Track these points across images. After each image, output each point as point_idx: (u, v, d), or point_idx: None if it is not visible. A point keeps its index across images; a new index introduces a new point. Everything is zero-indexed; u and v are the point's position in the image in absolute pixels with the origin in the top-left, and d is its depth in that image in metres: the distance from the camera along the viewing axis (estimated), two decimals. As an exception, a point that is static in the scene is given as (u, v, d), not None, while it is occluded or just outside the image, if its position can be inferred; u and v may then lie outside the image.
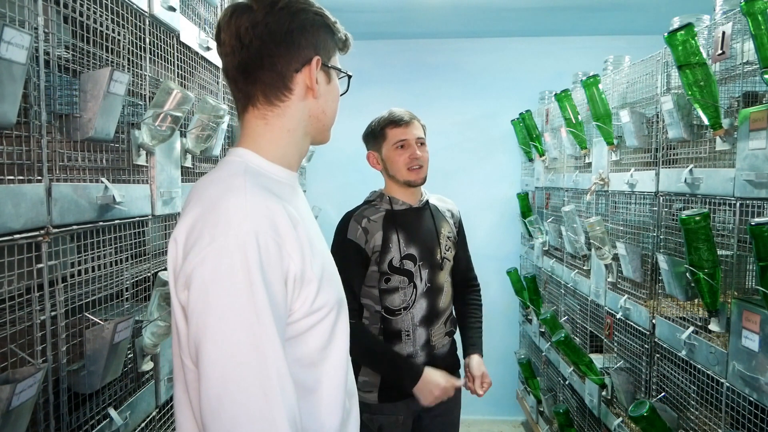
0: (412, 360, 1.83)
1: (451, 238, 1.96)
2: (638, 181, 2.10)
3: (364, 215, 1.85)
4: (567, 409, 2.94)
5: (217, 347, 0.79)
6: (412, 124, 1.86)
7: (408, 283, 1.83)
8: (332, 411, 0.96)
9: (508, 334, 4.14)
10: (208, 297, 0.80)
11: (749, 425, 1.45)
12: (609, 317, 2.37)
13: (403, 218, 1.86)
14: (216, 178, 0.91)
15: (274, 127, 0.96)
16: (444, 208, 1.99)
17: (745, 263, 1.61)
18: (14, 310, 1.01)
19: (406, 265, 1.83)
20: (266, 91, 0.94)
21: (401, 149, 1.85)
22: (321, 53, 0.94)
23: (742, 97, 1.66)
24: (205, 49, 1.87)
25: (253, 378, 0.79)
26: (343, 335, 0.98)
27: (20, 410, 0.90)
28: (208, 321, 0.79)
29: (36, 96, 1.04)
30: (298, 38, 0.92)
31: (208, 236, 0.81)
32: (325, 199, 4.02)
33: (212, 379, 0.78)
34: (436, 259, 1.88)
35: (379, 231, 1.82)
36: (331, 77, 0.99)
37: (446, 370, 1.89)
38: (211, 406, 0.78)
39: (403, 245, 1.83)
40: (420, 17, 3.63)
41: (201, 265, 0.81)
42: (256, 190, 0.87)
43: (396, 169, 1.86)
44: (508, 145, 4.11)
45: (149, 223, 1.53)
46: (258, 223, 0.83)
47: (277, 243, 0.84)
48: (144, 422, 1.49)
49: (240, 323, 0.79)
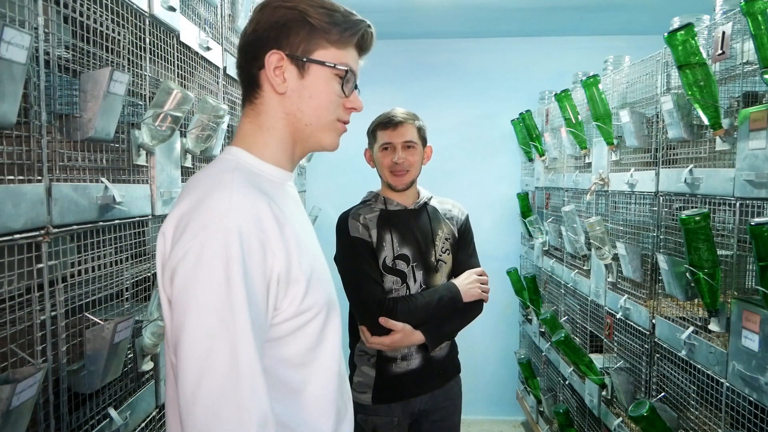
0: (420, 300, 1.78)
1: (450, 240, 1.91)
2: (638, 181, 2.10)
3: (360, 213, 1.84)
4: (567, 409, 2.94)
5: (192, 343, 0.79)
6: (402, 126, 1.81)
7: (401, 284, 1.81)
8: (324, 413, 0.95)
9: (508, 334, 4.14)
10: (188, 292, 0.80)
11: (749, 425, 1.45)
12: (609, 317, 2.37)
13: (397, 218, 1.85)
14: (206, 174, 0.92)
15: (255, 125, 0.97)
16: (445, 210, 1.95)
17: (745, 263, 1.61)
18: (14, 310, 1.01)
19: (398, 266, 1.81)
20: (246, 91, 0.97)
21: (386, 151, 1.83)
22: (285, 47, 0.92)
23: (742, 97, 1.66)
24: (205, 49, 1.87)
25: (225, 376, 0.78)
26: (334, 337, 0.98)
27: (20, 410, 0.90)
28: (187, 315, 0.80)
29: (36, 96, 1.04)
30: (261, 34, 0.93)
31: (191, 231, 0.82)
32: (325, 199, 4.02)
33: (187, 375, 0.78)
34: (430, 260, 1.85)
35: (374, 229, 1.81)
36: (307, 73, 0.94)
37: (443, 375, 1.89)
38: (186, 402, 0.78)
39: (396, 245, 1.81)
40: (420, 17, 3.63)
41: (183, 259, 0.81)
42: (243, 187, 0.87)
43: (381, 171, 1.86)
44: (508, 145, 4.11)
45: (149, 223, 1.53)
46: (242, 219, 0.83)
47: (261, 240, 0.84)
48: (144, 422, 1.49)
49: (215, 319, 0.79)
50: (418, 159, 1.86)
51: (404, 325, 1.73)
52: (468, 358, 4.14)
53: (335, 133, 1.00)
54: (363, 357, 1.86)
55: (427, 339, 1.76)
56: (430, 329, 1.78)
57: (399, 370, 1.82)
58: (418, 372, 1.83)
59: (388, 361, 1.82)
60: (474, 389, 4.12)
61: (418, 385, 1.84)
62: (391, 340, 1.73)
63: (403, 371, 1.82)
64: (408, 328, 1.74)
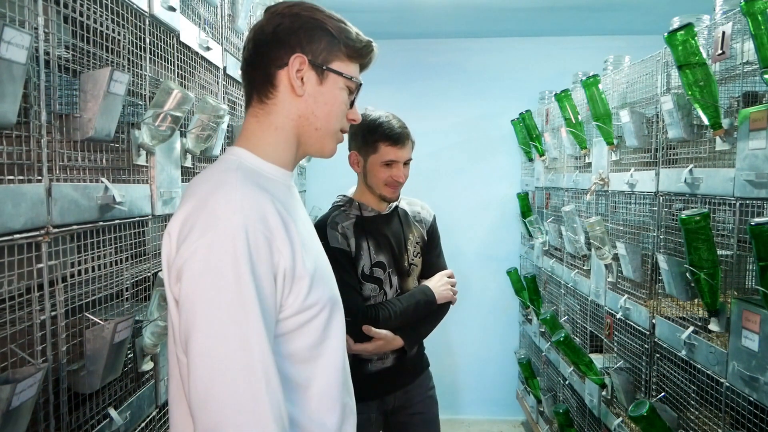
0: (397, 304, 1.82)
1: (420, 243, 1.93)
2: (638, 181, 2.10)
3: (337, 221, 1.83)
4: (567, 409, 2.94)
5: (205, 340, 0.80)
6: (406, 145, 1.82)
7: (378, 291, 1.84)
8: (330, 408, 0.97)
9: (508, 334, 4.14)
10: (197, 290, 0.81)
11: (749, 425, 1.45)
12: (609, 317, 2.37)
13: (372, 225, 1.85)
14: (209, 175, 0.93)
15: (263, 125, 0.99)
16: (414, 212, 1.96)
17: (745, 263, 1.61)
18: (14, 310, 1.01)
19: (375, 273, 1.83)
20: (258, 89, 0.98)
21: (387, 167, 1.81)
22: (308, 53, 0.96)
23: (742, 97, 1.66)
24: (205, 49, 1.87)
25: (239, 371, 0.79)
26: (338, 333, 0.99)
27: (20, 410, 0.90)
28: (197, 314, 0.81)
29: (36, 96, 1.04)
30: (284, 37, 0.95)
31: (198, 230, 0.83)
32: (325, 199, 3.98)
33: (200, 372, 0.79)
34: (403, 265, 1.88)
35: (352, 238, 1.81)
36: (326, 80, 0.98)
37: (414, 371, 1.95)
38: (199, 398, 0.79)
39: (373, 252, 1.82)
40: (420, 17, 3.63)
41: (191, 258, 0.82)
42: (247, 186, 0.89)
43: (375, 183, 1.83)
44: (508, 145, 4.11)
45: (149, 223, 1.53)
46: (248, 217, 0.84)
47: (267, 238, 0.85)
48: (144, 422, 1.49)
49: (227, 317, 0.80)
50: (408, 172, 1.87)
51: (386, 332, 1.78)
52: (468, 358, 4.18)
53: (336, 141, 1.05)
54: None
55: (406, 343, 1.82)
56: (409, 333, 1.83)
57: (374, 369, 1.87)
58: (391, 370, 1.88)
59: (364, 360, 1.85)
60: (474, 389, 4.13)
61: (392, 382, 1.90)
62: (375, 347, 1.77)
63: (377, 369, 1.87)
64: (390, 334, 1.78)
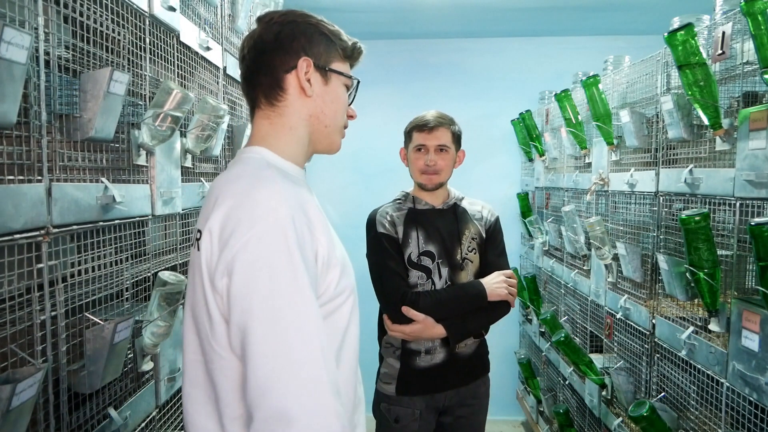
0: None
1: (476, 240, 1.94)
2: (638, 181, 2.10)
3: (388, 211, 1.92)
4: (567, 409, 2.94)
5: (265, 327, 0.82)
6: (437, 130, 1.88)
7: (426, 279, 1.87)
8: (346, 393, 1.00)
9: (508, 334, 4.14)
10: (253, 279, 0.84)
11: (749, 425, 1.45)
12: (609, 317, 2.37)
13: (423, 217, 1.91)
14: (240, 173, 0.96)
15: (276, 126, 1.03)
16: (474, 211, 1.99)
17: (745, 263, 1.61)
18: (14, 310, 1.01)
19: (423, 261, 1.87)
20: (266, 92, 1.03)
21: (419, 153, 1.90)
22: (312, 56, 1.02)
23: (742, 97, 1.66)
24: (205, 49, 1.87)
25: (299, 353, 0.82)
26: (357, 321, 1.04)
27: (20, 410, 0.90)
28: (254, 302, 0.83)
29: (36, 96, 1.04)
30: (287, 43, 1.01)
31: (247, 223, 0.86)
32: (325, 199, 4.02)
33: (261, 358, 0.82)
34: (456, 258, 1.89)
35: (401, 226, 1.88)
36: (329, 80, 1.04)
37: (468, 373, 1.93)
38: (260, 385, 0.81)
39: (422, 242, 1.87)
40: (420, 17, 3.63)
41: (243, 249, 0.85)
42: (284, 181, 0.93)
43: (412, 171, 1.94)
44: (508, 145, 4.11)
45: (149, 223, 1.53)
46: (292, 208, 0.89)
47: (309, 227, 0.91)
48: (144, 422, 1.49)
49: (285, 303, 0.84)
50: (450, 162, 1.92)
51: (425, 316, 1.79)
52: (468, 358, 4.16)
53: (341, 136, 1.11)
54: (389, 349, 1.92)
55: (449, 333, 1.81)
56: (453, 324, 1.82)
57: (423, 364, 1.87)
58: (441, 367, 1.88)
59: (412, 354, 1.87)
60: (474, 389, 4.12)
61: (442, 380, 1.89)
62: (411, 329, 1.79)
63: (426, 365, 1.87)
64: (429, 320, 1.79)
